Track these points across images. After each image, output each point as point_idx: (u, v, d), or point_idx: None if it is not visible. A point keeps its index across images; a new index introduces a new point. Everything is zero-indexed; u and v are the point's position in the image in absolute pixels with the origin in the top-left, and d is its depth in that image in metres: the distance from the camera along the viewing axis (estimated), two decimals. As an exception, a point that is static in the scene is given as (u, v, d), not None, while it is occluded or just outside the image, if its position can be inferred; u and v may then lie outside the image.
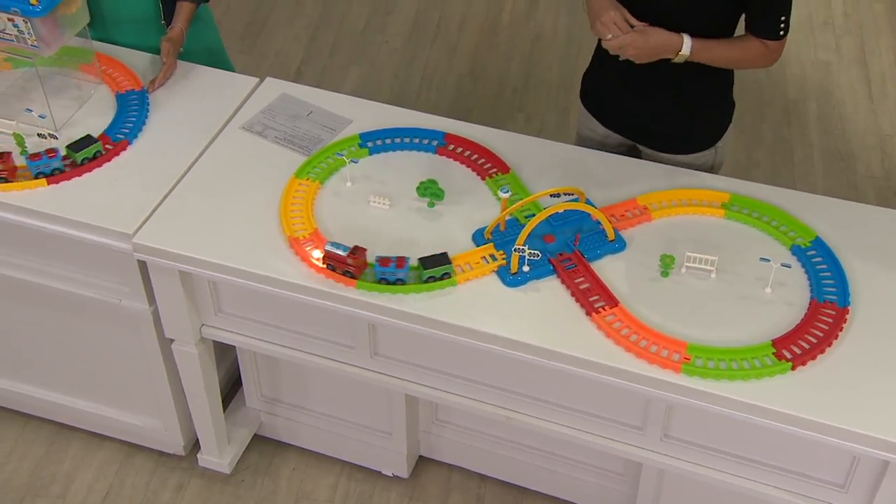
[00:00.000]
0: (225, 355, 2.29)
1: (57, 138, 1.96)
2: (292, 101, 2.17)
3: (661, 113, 1.90)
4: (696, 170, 2.07)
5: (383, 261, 1.76)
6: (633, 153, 2.15)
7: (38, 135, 1.95)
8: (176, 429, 2.27)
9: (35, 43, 1.87)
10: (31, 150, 1.95)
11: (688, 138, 2.08)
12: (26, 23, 1.84)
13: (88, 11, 1.98)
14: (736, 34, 1.95)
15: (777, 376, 1.65)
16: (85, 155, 1.92)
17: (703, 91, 2.02)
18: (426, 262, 1.79)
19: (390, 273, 1.76)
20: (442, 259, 1.79)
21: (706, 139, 2.09)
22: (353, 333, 1.92)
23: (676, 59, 1.87)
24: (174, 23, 2.17)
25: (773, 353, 1.67)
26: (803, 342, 1.68)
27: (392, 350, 1.93)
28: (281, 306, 1.91)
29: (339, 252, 1.76)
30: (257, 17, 3.76)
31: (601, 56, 2.10)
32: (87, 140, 1.94)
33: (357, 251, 1.77)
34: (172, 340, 2.05)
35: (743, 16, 1.92)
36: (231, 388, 2.40)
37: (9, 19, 1.83)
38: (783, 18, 1.86)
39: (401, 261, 1.77)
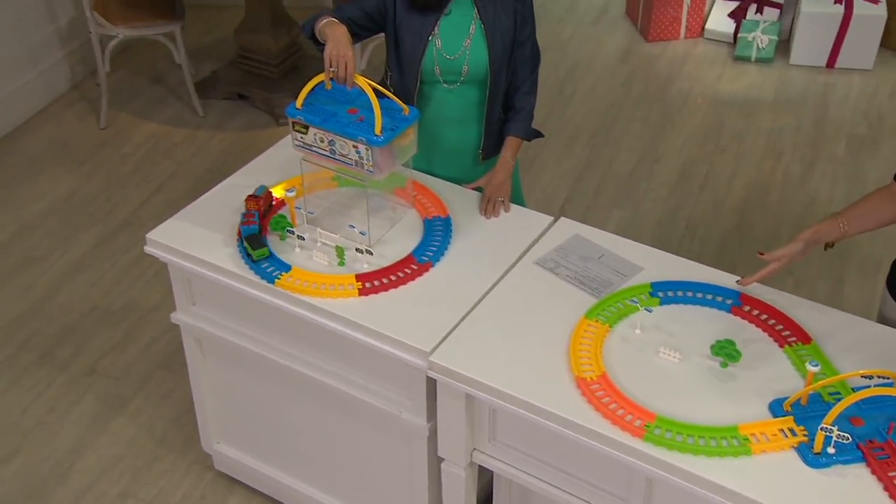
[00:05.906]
0: (479, 477, 2.30)
1: (371, 254, 2.12)
2: (584, 243, 2.23)
3: None
4: None
5: None
6: None
7: (357, 249, 2.12)
8: (424, 547, 2.29)
9: (371, 168, 2.06)
10: (348, 262, 2.12)
11: None
12: (367, 150, 2.03)
13: (417, 143, 2.16)
14: None
15: None
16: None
17: None
18: None
19: None
20: None
21: None
22: (629, 485, 1.87)
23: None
24: (503, 152, 2.37)
25: None
26: None
27: (666, 510, 1.85)
28: (555, 443, 1.90)
29: None
30: (527, 154, 3.94)
31: None
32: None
33: None
34: (443, 459, 2.10)
35: None
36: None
37: (354, 146, 2.04)
38: None
39: None
